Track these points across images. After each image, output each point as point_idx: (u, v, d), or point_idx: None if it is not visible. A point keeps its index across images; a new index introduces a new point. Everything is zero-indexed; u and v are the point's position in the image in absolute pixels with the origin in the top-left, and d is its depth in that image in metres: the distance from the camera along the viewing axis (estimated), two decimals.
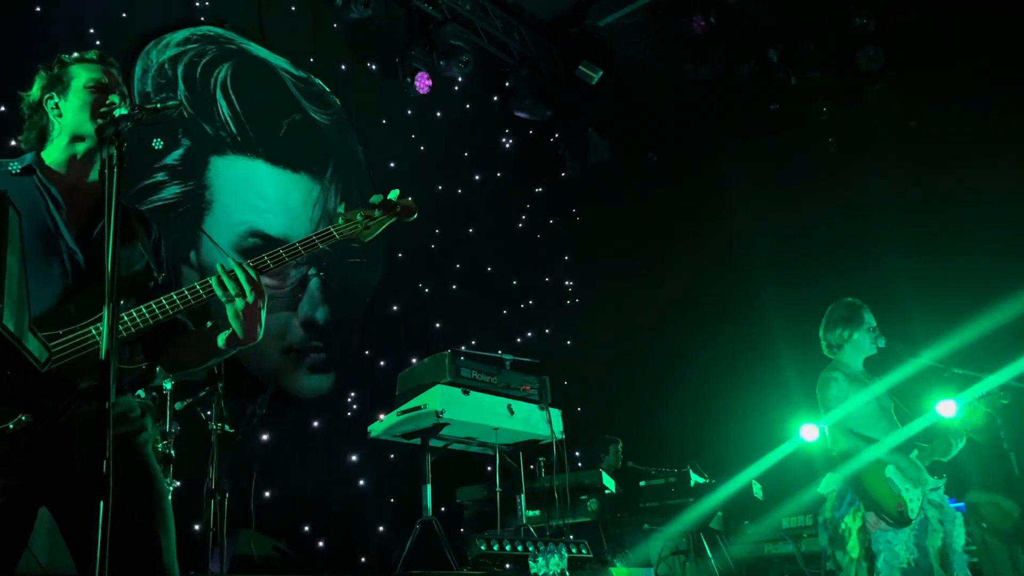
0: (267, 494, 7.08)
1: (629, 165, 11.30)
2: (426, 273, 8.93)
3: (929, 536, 4.21)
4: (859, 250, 9.09)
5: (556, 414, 6.07)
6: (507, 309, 9.74)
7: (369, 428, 5.72)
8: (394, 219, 2.55)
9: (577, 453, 9.32)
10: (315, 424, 7.63)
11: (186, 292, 2.32)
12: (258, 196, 7.58)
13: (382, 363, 8.16)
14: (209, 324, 2.50)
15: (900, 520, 4.18)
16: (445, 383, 5.43)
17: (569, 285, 10.80)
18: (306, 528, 7.29)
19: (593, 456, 8.59)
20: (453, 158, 9.66)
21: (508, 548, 5.19)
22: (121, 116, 2.16)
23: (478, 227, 9.61)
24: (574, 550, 5.57)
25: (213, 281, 2.32)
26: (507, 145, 10.54)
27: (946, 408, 4.60)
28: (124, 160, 2.11)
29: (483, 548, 5.05)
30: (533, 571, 4.87)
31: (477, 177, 9.94)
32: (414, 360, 6.94)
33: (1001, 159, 8.58)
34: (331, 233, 2.47)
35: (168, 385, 4.64)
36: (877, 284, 8.57)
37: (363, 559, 7.57)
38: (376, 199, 2.54)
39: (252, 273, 2.32)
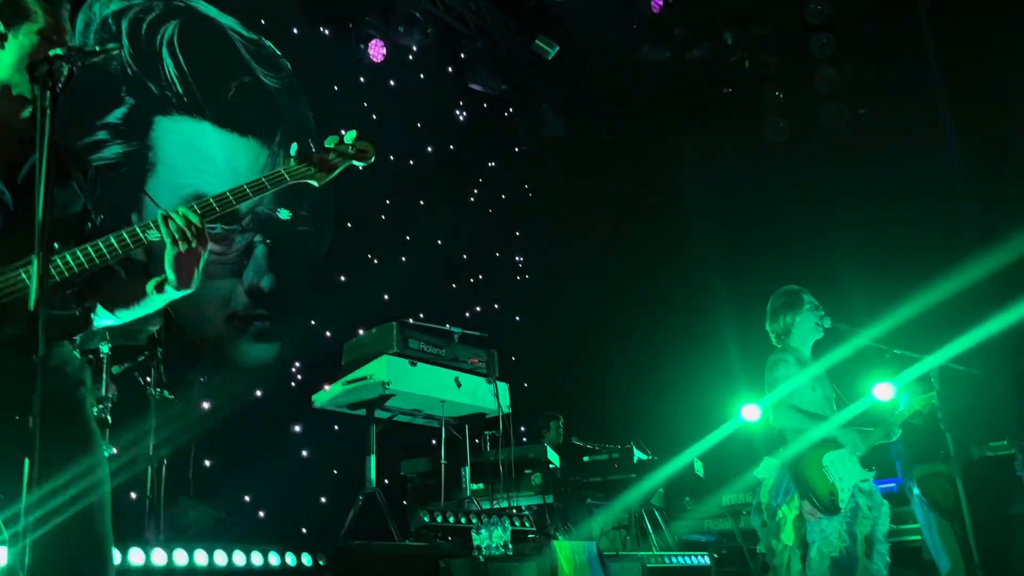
0: (207, 463, 6.95)
1: (583, 143, 11.28)
2: (375, 244, 8.82)
3: (859, 523, 4.30)
4: (806, 234, 9.22)
5: (503, 388, 6.06)
6: (456, 283, 9.69)
7: (313, 398, 5.65)
8: (349, 162, 2.44)
9: (522, 428, 9.33)
10: (258, 393, 7.50)
11: (125, 235, 2.22)
12: (204, 159, 7.39)
13: (328, 334, 8.05)
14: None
15: (831, 508, 4.26)
16: (392, 354, 5.37)
17: (520, 261, 10.77)
18: (247, 498, 7.18)
19: (536, 432, 8.61)
20: (406, 128, 9.53)
21: (452, 520, 5.18)
22: (56, 56, 2.05)
23: (429, 200, 9.52)
24: (517, 523, 5.58)
25: (159, 218, 2.22)
26: (461, 118, 10.44)
27: (882, 391, 4.69)
28: (58, 101, 2.00)
29: (426, 520, 5.03)
30: (476, 543, 4.87)
31: (429, 149, 9.83)
32: (361, 331, 6.85)
33: (943, 147, 8.77)
34: (282, 176, 2.37)
35: (105, 348, 4.50)
36: (823, 268, 8.71)
37: (304, 530, 7.49)
38: (331, 141, 2.44)
39: (195, 219, 2.23)
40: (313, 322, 8.07)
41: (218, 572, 3.87)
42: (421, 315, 8.66)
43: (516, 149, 10.91)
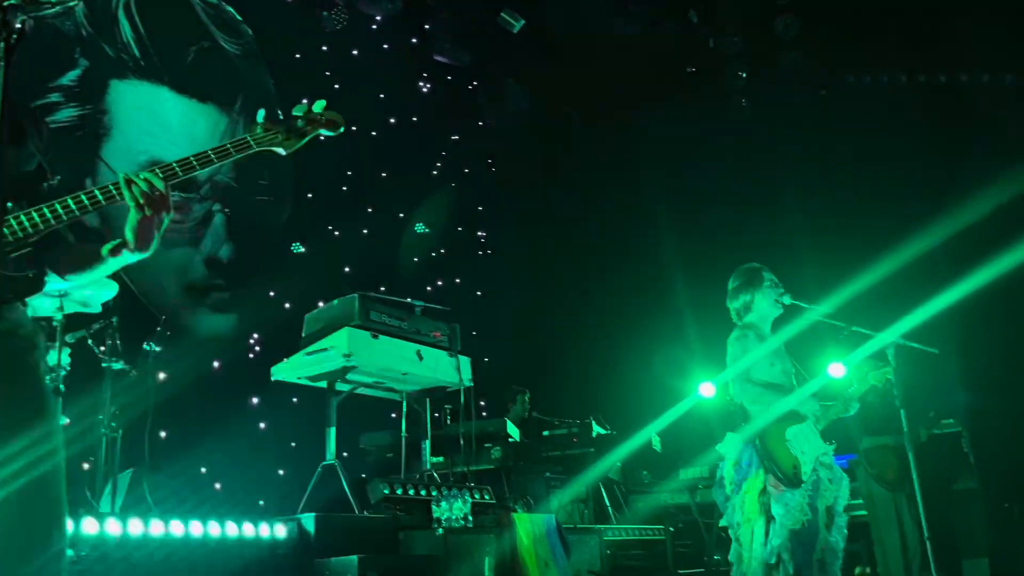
0: (163, 433, 6.86)
1: (547, 118, 11.23)
2: (336, 216, 8.72)
3: (820, 496, 4.36)
4: (764, 214, 9.30)
5: (465, 362, 6.04)
6: (418, 256, 9.62)
7: (272, 370, 5.59)
8: (318, 132, 2.39)
9: (483, 403, 9.34)
10: (216, 364, 7.41)
11: (83, 197, 2.15)
12: (161, 125, 7.24)
13: (287, 305, 7.95)
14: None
15: (794, 481, 4.31)
16: (354, 326, 5.32)
17: (481, 236, 10.74)
18: (203, 469, 7.10)
19: (500, 405, 8.61)
20: (368, 99, 9.40)
21: (412, 492, 5.18)
22: (10, 6, 1.96)
23: (392, 172, 9.43)
24: (477, 496, 5.60)
25: (122, 181, 2.15)
26: (424, 90, 10.33)
27: (836, 369, 4.76)
28: (13, 54, 1.92)
29: (386, 492, 5.02)
30: (436, 515, 4.87)
31: (392, 120, 9.72)
32: (321, 304, 6.78)
33: (903, 127, 8.89)
34: (247, 142, 2.31)
35: (59, 317, 4.39)
36: (781, 246, 8.80)
37: (261, 502, 7.44)
38: (300, 109, 2.38)
39: (159, 183, 2.17)
40: (272, 293, 7.97)
41: (174, 542, 3.82)
42: (382, 288, 8.60)
43: (479, 123, 10.83)
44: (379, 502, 5.04)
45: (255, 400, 7.59)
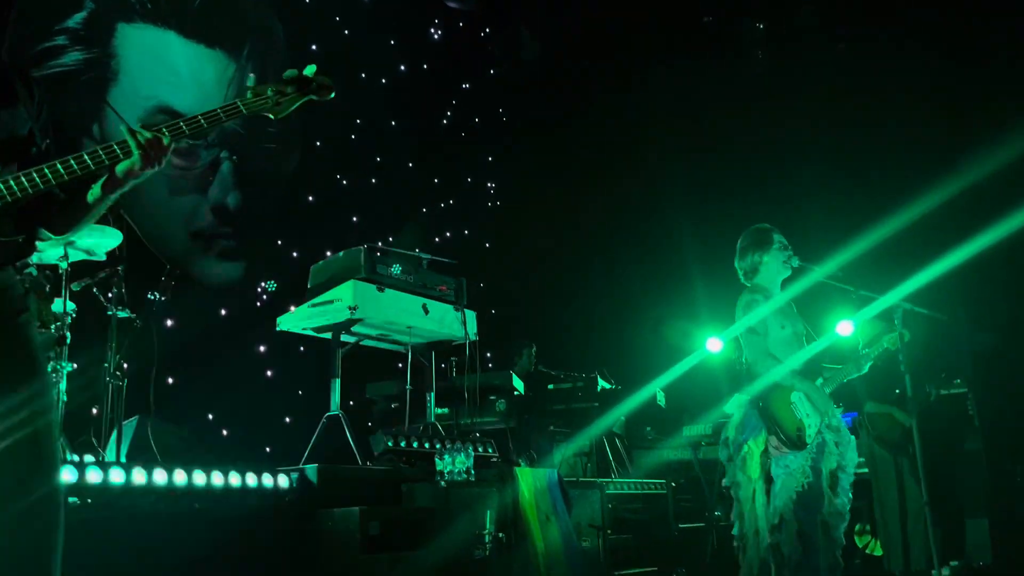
0: (171, 380, 6.92)
1: (559, 68, 11.06)
2: (344, 165, 8.66)
3: (825, 458, 4.36)
4: (777, 170, 9.19)
5: (471, 316, 6.03)
6: (426, 207, 9.58)
7: (278, 320, 5.59)
8: (308, 97, 2.36)
9: (488, 355, 9.37)
10: (223, 312, 7.44)
11: (72, 161, 2.12)
12: (169, 70, 7.15)
13: (295, 254, 7.95)
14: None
15: (797, 443, 4.31)
16: (360, 278, 5.30)
17: (491, 187, 10.66)
18: (210, 416, 7.17)
19: (506, 358, 8.62)
20: (378, 46, 9.28)
21: (415, 444, 5.21)
22: None
23: (401, 121, 9.33)
24: (480, 449, 5.63)
25: (125, 132, 2.13)
26: (435, 36, 10.18)
27: (844, 328, 4.74)
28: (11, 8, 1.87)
29: (389, 444, 5.05)
30: (439, 468, 4.90)
31: (402, 67, 9.60)
32: (328, 253, 6.76)
33: (918, 86, 8.72)
34: (238, 107, 2.28)
35: (64, 265, 4.39)
36: (791, 204, 8.72)
37: (268, 449, 7.52)
38: (290, 74, 2.35)
39: (166, 140, 2.15)
40: (280, 242, 7.96)
41: (177, 491, 3.86)
42: (390, 238, 8.60)
43: (491, 71, 10.69)
44: (382, 454, 5.07)
45: (262, 348, 7.63)
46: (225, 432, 7.23)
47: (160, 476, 3.81)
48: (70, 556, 3.29)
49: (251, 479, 4.23)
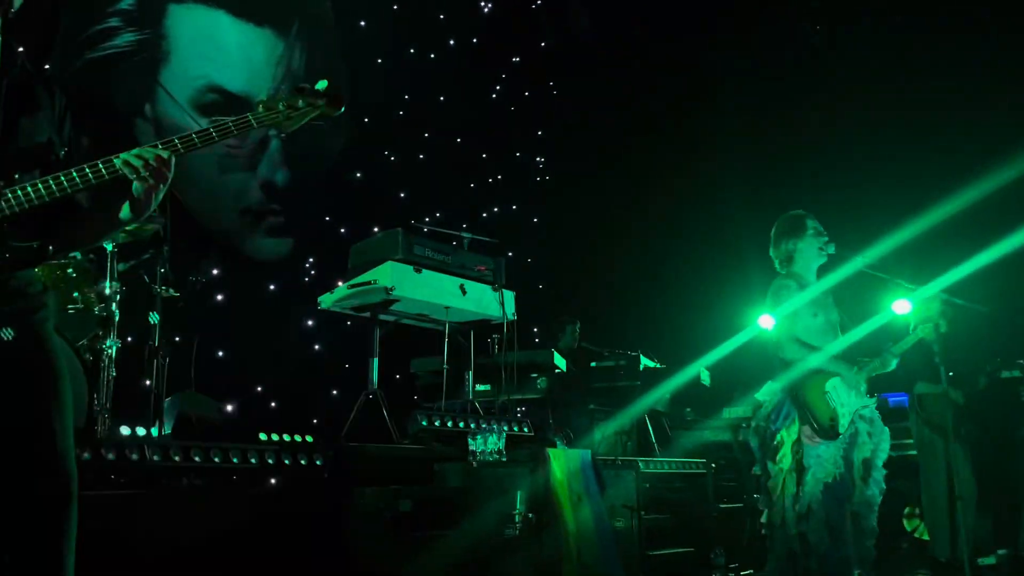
0: (220, 354, 7.13)
1: (612, 40, 10.91)
2: (392, 141, 8.73)
3: (857, 449, 4.32)
4: (830, 148, 8.97)
5: (509, 296, 6.06)
6: (474, 183, 9.60)
7: (320, 299, 5.70)
8: (319, 111, 2.40)
9: (535, 329, 9.41)
10: (271, 287, 7.61)
11: (87, 170, 2.19)
12: (219, 49, 7.28)
13: (343, 230, 8.07)
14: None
15: (830, 433, 4.28)
16: (397, 260, 5.37)
17: (540, 162, 10.63)
18: (259, 388, 7.38)
19: (551, 334, 8.66)
20: (427, 20, 9.27)
21: (450, 424, 5.29)
22: None
23: (449, 96, 9.34)
24: (516, 428, 5.69)
25: (121, 161, 2.20)
26: (485, 9, 10.13)
27: (901, 306, 4.66)
28: (11, 30, 1.94)
29: (424, 424, 5.14)
30: (472, 448, 4.97)
31: (452, 42, 9.59)
32: (376, 229, 6.86)
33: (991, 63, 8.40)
34: (249, 121, 2.34)
35: (109, 247, 4.55)
36: (847, 183, 8.53)
37: (315, 421, 7.70)
38: (301, 88, 2.40)
39: (162, 154, 2.21)
40: (328, 219, 8.09)
41: (212, 469, 4.00)
42: (437, 214, 8.68)
43: (542, 44, 10.60)
44: (418, 433, 5.17)
45: (310, 323, 7.79)
46: (273, 404, 7.44)
47: (197, 454, 3.95)
48: (107, 533, 3.47)
49: (286, 457, 4.35)
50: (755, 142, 9.60)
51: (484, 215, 9.47)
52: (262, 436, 6.21)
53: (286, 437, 6.56)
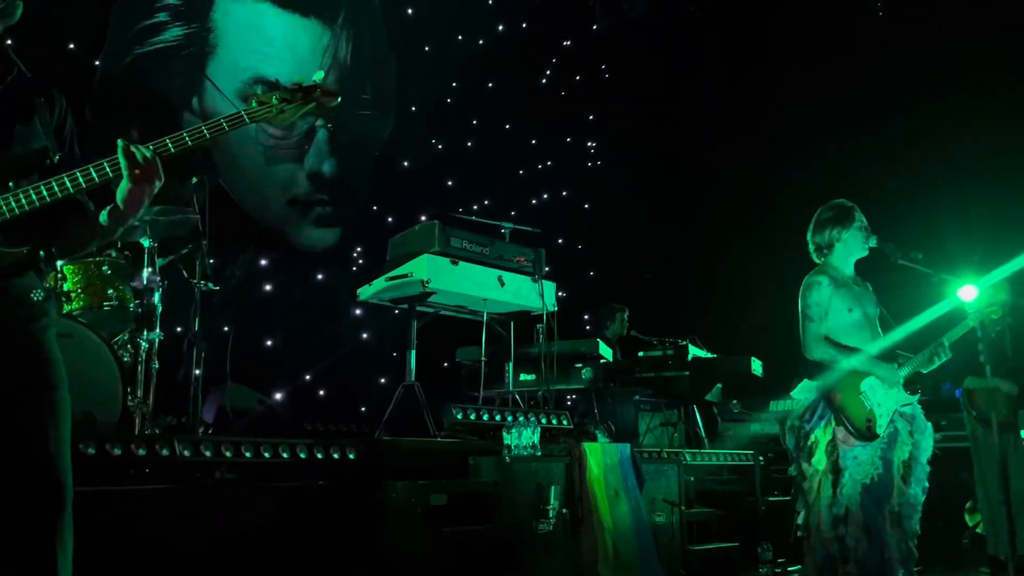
0: (269, 343, 7.24)
1: (666, 20, 10.69)
2: (440, 128, 8.71)
3: (897, 448, 4.15)
4: (901, 128, 8.63)
5: (550, 286, 6.00)
6: (524, 169, 9.53)
7: (358, 291, 5.73)
8: (313, 104, 2.38)
9: (585, 316, 9.33)
10: (319, 276, 7.69)
11: (79, 176, 2.19)
12: (265, 41, 7.34)
13: (390, 219, 8.10)
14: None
15: (867, 434, 4.12)
16: (433, 252, 5.35)
17: (592, 147, 10.50)
18: (307, 377, 7.48)
19: (599, 322, 8.58)
20: (475, 6, 9.21)
21: (486, 417, 5.27)
22: None
23: (498, 81, 9.28)
24: (555, 421, 5.65)
25: (119, 147, 2.19)
26: None
27: (967, 292, 4.48)
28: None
29: (459, 417, 5.13)
30: (506, 441, 4.94)
31: (501, 28, 9.51)
32: (423, 218, 6.86)
33: None
34: (241, 117, 2.33)
35: (147, 243, 4.62)
36: (912, 165, 8.22)
37: (363, 408, 7.79)
38: (296, 81, 2.38)
39: (148, 154, 2.20)
40: (375, 208, 8.13)
41: (243, 465, 4.04)
42: (485, 201, 8.65)
43: (593, 27, 10.44)
44: (453, 426, 5.16)
45: (357, 312, 7.85)
46: (322, 392, 7.53)
47: (229, 449, 4.00)
48: (138, 528, 3.55)
49: (320, 452, 4.37)
50: (821, 107, 9.27)
51: (534, 202, 9.41)
52: (305, 425, 6.34)
53: (328, 427, 6.68)
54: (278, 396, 6.71)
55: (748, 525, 6.46)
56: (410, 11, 8.61)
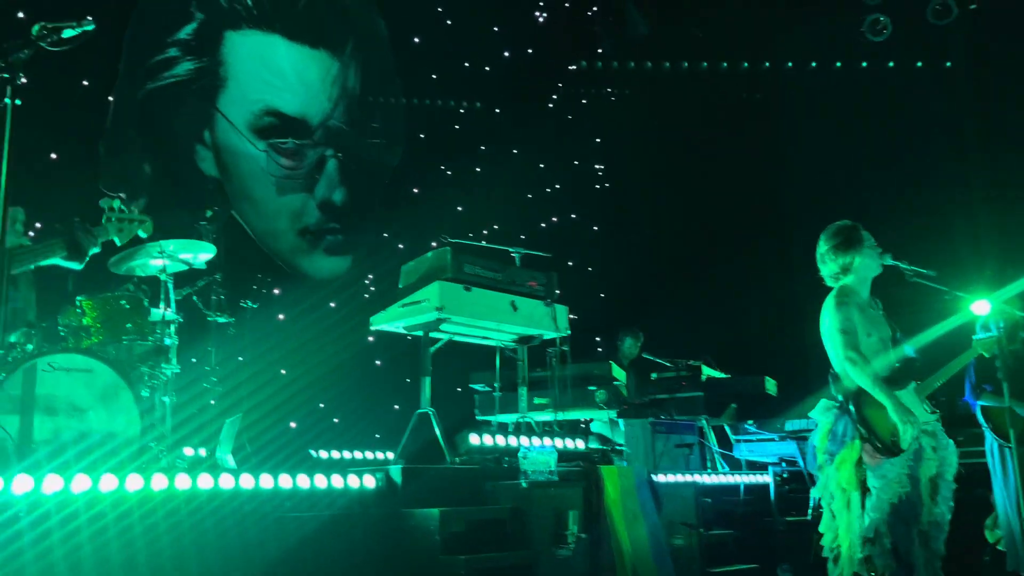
0: (283, 371, 7.26)
1: (670, 42, 10.76)
2: (448, 155, 8.77)
3: (923, 465, 4.12)
4: (895, 153, 8.66)
5: (562, 310, 6.02)
6: (532, 193, 9.58)
7: (371, 319, 5.75)
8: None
9: (598, 339, 9.35)
10: (331, 305, 7.72)
11: None
12: (274, 73, 7.43)
13: (401, 246, 8.14)
14: None
15: (892, 449, 4.09)
16: (446, 279, 5.38)
17: (599, 169, 10.54)
18: (321, 405, 7.49)
19: (612, 344, 8.59)
20: (481, 33, 9.30)
21: (501, 444, 5.28)
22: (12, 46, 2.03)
23: (505, 107, 9.34)
24: (571, 446, 5.65)
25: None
26: (540, 19, 10.10)
27: (979, 307, 4.47)
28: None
29: (475, 443, 5.14)
30: (523, 467, 4.94)
31: (507, 54, 9.59)
32: (434, 244, 6.89)
33: None
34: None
35: (163, 277, 4.66)
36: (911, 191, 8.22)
37: (377, 435, 7.78)
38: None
39: None
40: (386, 235, 8.17)
41: (263, 494, 4.06)
42: (495, 226, 8.68)
43: (599, 51, 10.52)
44: (470, 451, 5.17)
45: (370, 338, 7.86)
46: (336, 420, 7.54)
47: (247, 481, 4.01)
48: (159, 560, 3.57)
49: (337, 481, 4.39)
50: (826, 134, 9.30)
51: (543, 225, 9.44)
52: (320, 454, 6.35)
53: (343, 455, 6.68)
54: (293, 424, 6.72)
55: (766, 546, 6.42)
56: (416, 40, 8.70)
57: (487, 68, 9.32)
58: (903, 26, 9.44)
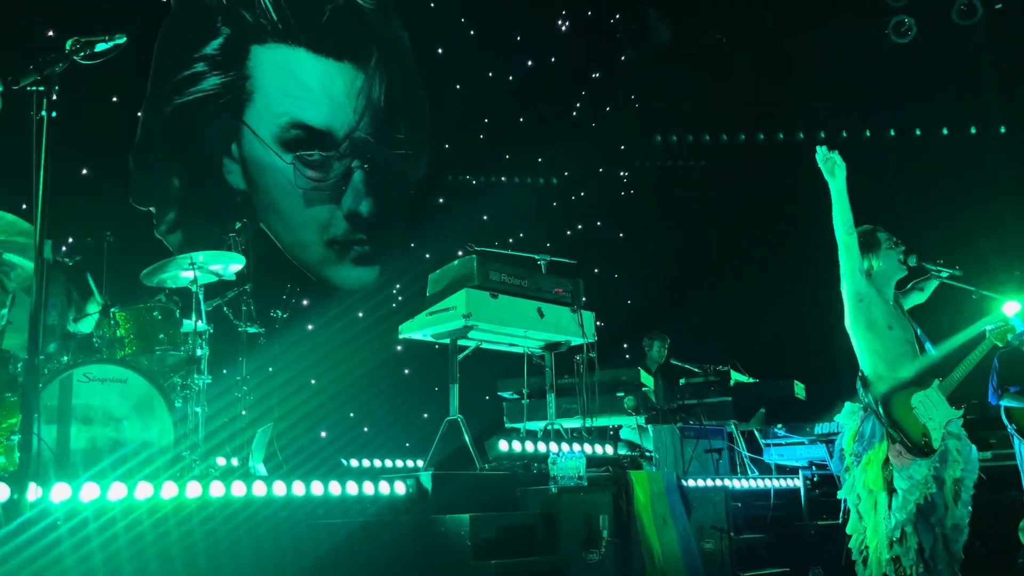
0: (313, 382, 7.33)
1: (693, 48, 10.75)
2: (474, 164, 8.82)
3: (949, 467, 4.10)
4: (933, 160, 8.59)
5: (589, 316, 6.03)
6: (557, 201, 9.60)
7: (400, 327, 5.80)
8: None
9: (625, 345, 9.33)
10: (360, 314, 7.78)
11: None
12: (300, 86, 7.52)
13: (427, 255, 8.19)
14: None
15: (924, 449, 4.07)
16: (473, 286, 5.41)
17: (624, 176, 10.54)
18: (351, 414, 7.55)
19: (640, 350, 8.58)
20: (504, 42, 9.36)
21: (531, 450, 5.29)
22: (45, 61, 2.09)
23: (529, 116, 9.38)
24: (603, 451, 5.65)
25: None
26: (563, 28, 10.14)
27: (1010, 307, 4.44)
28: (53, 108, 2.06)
29: (504, 450, 5.15)
30: (552, 472, 4.95)
31: (530, 63, 9.63)
32: (460, 253, 6.93)
33: None
34: None
35: (193, 288, 4.73)
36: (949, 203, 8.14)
37: (408, 444, 7.83)
38: None
39: None
40: (413, 244, 8.23)
41: (295, 502, 4.10)
42: (521, 234, 8.72)
43: (622, 58, 10.54)
44: (499, 457, 5.19)
45: (399, 347, 7.92)
46: (366, 429, 7.59)
47: (279, 489, 4.06)
48: (196, 567, 3.62)
49: (368, 488, 4.42)
50: (852, 135, 9.25)
51: (568, 232, 9.46)
52: (351, 462, 6.40)
53: (373, 463, 6.73)
54: (323, 433, 6.78)
55: (797, 550, 6.38)
56: (440, 50, 8.77)
57: (510, 77, 9.37)
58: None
